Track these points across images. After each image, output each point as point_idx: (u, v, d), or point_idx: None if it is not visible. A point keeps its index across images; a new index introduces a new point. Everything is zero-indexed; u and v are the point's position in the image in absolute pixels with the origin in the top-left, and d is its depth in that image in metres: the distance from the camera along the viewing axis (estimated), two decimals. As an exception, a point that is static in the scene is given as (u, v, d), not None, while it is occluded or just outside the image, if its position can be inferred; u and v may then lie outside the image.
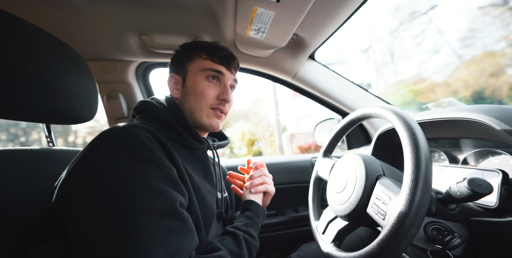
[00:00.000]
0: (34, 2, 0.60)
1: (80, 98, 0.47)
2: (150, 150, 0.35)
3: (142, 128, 0.39)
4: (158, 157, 0.35)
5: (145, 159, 0.34)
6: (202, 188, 0.45)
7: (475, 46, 6.15)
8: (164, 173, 0.35)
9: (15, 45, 0.37)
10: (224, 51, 0.54)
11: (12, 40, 0.36)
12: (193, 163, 0.48)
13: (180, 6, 0.65)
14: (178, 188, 0.36)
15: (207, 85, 0.51)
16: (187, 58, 0.53)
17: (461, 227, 0.39)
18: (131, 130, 0.37)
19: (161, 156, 0.36)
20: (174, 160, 0.40)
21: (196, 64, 0.52)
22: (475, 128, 0.46)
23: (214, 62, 0.52)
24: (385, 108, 0.41)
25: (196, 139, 0.50)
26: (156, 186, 0.32)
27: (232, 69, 0.55)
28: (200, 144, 0.52)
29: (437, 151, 0.62)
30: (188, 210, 0.39)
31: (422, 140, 0.33)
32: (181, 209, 0.34)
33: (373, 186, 0.40)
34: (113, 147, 0.34)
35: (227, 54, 0.54)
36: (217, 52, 0.53)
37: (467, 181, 0.32)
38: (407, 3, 11.30)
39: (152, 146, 0.36)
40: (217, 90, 0.52)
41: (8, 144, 5.14)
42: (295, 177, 0.98)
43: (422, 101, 6.16)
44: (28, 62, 0.38)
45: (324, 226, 0.51)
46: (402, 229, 0.29)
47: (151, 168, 0.34)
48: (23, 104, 0.38)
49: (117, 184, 0.31)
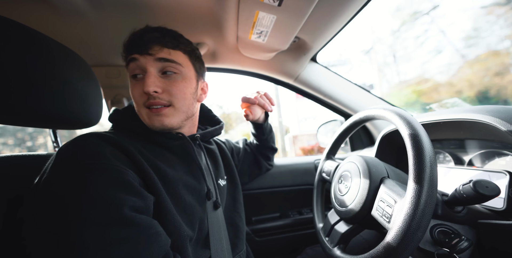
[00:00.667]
0: (42, 11, 0.61)
1: (86, 103, 0.48)
2: (96, 157, 0.33)
3: (99, 136, 0.38)
4: (106, 163, 0.33)
5: (89, 168, 0.32)
6: (179, 185, 0.43)
7: (478, 46, 6.08)
8: (113, 178, 0.32)
9: (24, 53, 0.38)
10: (135, 35, 0.45)
11: (21, 48, 0.37)
12: (171, 160, 0.46)
13: (183, 11, 0.66)
14: (132, 191, 0.33)
15: (133, 85, 0.45)
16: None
17: (469, 229, 0.38)
18: (83, 141, 0.36)
19: (110, 161, 0.34)
20: (137, 162, 0.38)
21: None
22: (480, 129, 0.45)
23: (128, 53, 0.45)
24: (388, 110, 0.41)
25: (168, 137, 0.47)
26: (97, 194, 0.30)
27: (148, 51, 0.43)
28: (174, 140, 0.48)
29: (442, 153, 0.62)
30: (159, 210, 0.37)
31: (426, 142, 0.33)
32: (133, 214, 0.31)
33: (377, 188, 0.40)
34: (57, 163, 0.33)
35: (133, 36, 0.44)
36: (126, 41, 0.45)
37: (473, 183, 0.32)
38: (409, 4, 11.27)
39: (102, 152, 0.34)
40: (141, 85, 0.44)
41: (15, 148, 5.23)
42: (299, 179, 0.98)
43: (426, 101, 6.09)
44: (36, 69, 0.39)
45: (328, 228, 0.51)
46: (408, 232, 0.29)
47: (94, 176, 0.31)
48: (31, 110, 0.39)
49: (52, 203, 0.29)
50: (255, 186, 0.91)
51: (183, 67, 0.47)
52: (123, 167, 0.35)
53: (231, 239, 0.54)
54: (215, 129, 0.58)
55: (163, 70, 0.45)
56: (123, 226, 0.29)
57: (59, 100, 0.43)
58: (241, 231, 0.58)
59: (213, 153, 0.62)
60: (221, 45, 0.81)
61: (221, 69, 0.96)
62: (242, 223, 0.60)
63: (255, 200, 0.92)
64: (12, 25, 0.37)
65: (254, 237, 0.87)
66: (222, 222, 0.51)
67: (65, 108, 0.44)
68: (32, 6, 0.59)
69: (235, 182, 0.65)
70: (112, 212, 0.29)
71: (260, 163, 0.82)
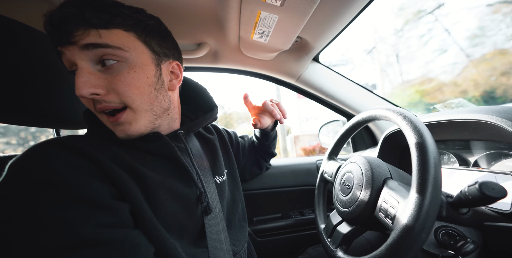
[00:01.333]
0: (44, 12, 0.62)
1: None
2: (50, 172, 0.28)
3: (57, 143, 0.31)
4: (61, 177, 0.28)
5: (42, 185, 0.27)
6: (160, 191, 0.36)
7: (484, 45, 5.99)
8: (70, 195, 0.27)
9: (29, 54, 0.38)
10: (50, 17, 0.32)
11: (26, 50, 0.38)
12: (152, 162, 0.39)
13: (185, 11, 0.66)
14: (96, 206, 0.28)
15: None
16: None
17: (474, 232, 0.38)
18: (35, 151, 0.30)
19: (67, 174, 0.28)
20: (106, 169, 0.32)
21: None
22: (486, 130, 0.44)
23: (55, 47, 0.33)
24: (391, 110, 0.41)
25: (142, 139, 0.39)
26: (51, 217, 0.25)
27: (69, 38, 0.31)
28: (151, 142, 0.40)
29: (446, 153, 0.61)
30: (138, 219, 0.32)
31: (430, 142, 0.32)
32: (99, 232, 0.27)
33: (380, 189, 0.39)
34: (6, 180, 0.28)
35: (50, 19, 0.32)
36: (46, 30, 0.33)
37: (479, 185, 0.31)
38: (412, 3, 11.14)
39: (57, 164, 0.29)
40: None
41: (18, 148, 5.32)
42: (300, 180, 0.98)
43: (430, 101, 6.02)
44: (39, 70, 0.39)
45: (330, 229, 0.50)
46: (412, 234, 0.29)
47: (47, 194, 0.26)
48: (36, 110, 0.39)
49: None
50: (256, 187, 0.91)
51: (128, 51, 0.34)
52: (83, 180, 0.29)
53: (231, 238, 0.51)
54: (204, 118, 0.48)
55: (99, 60, 0.33)
56: (86, 248, 0.25)
57: (63, 100, 0.43)
58: (240, 229, 0.54)
59: (211, 144, 0.55)
60: (223, 45, 0.81)
61: (223, 69, 0.96)
62: (243, 220, 0.57)
63: (257, 200, 0.91)
64: (18, 26, 0.38)
65: (255, 238, 0.87)
66: (221, 222, 0.47)
67: (68, 108, 0.45)
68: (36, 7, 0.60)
69: (235, 177, 0.60)
70: (69, 235, 0.25)
71: (261, 163, 0.81)
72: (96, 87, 0.32)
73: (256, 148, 0.78)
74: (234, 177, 0.60)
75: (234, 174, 0.60)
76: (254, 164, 0.79)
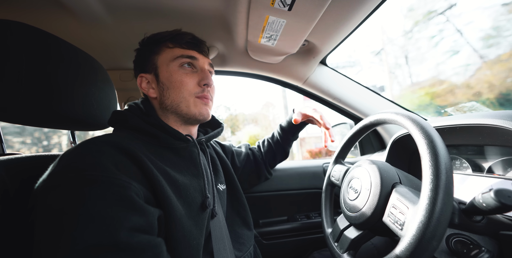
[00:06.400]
0: (61, 17, 0.65)
1: (102, 106, 0.51)
2: (98, 169, 0.31)
3: (105, 141, 0.36)
4: (108, 175, 0.31)
5: (89, 180, 0.30)
6: (190, 189, 0.42)
7: (500, 45, 5.76)
8: (114, 194, 0.30)
9: (47, 58, 0.40)
10: (190, 35, 0.50)
11: (43, 54, 0.40)
12: (179, 164, 0.45)
13: (195, 16, 0.68)
14: (133, 209, 0.31)
15: (184, 73, 0.48)
16: (152, 53, 0.49)
17: (489, 241, 0.36)
18: (86, 147, 0.34)
19: (112, 173, 0.31)
20: (146, 170, 0.36)
21: (164, 55, 0.48)
22: (501, 136, 0.43)
23: (183, 48, 0.49)
24: (400, 114, 0.40)
25: (178, 138, 0.46)
26: (95, 213, 0.28)
27: (203, 53, 0.52)
28: (183, 142, 0.48)
29: (458, 159, 0.59)
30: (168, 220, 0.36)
31: (441, 147, 0.32)
32: (130, 237, 0.29)
33: (388, 194, 0.39)
34: (57, 170, 0.31)
35: (193, 38, 0.51)
36: (182, 37, 0.49)
37: (494, 192, 0.30)
38: (422, 4, 10.90)
39: (104, 162, 0.32)
40: (196, 77, 0.49)
41: (32, 147, 5.54)
42: (306, 183, 0.97)
43: (440, 104, 5.84)
44: (57, 74, 0.42)
45: (338, 234, 0.50)
46: (423, 241, 0.28)
47: (94, 190, 0.29)
48: (54, 113, 0.41)
49: (48, 216, 0.28)
50: (263, 189, 0.91)
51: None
52: (126, 180, 0.32)
53: (234, 243, 0.53)
54: (217, 132, 0.58)
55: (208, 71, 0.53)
56: (117, 251, 0.27)
57: (78, 104, 0.45)
58: (242, 236, 0.56)
59: (211, 157, 0.61)
60: (231, 49, 0.82)
61: (230, 72, 0.97)
62: (245, 227, 0.59)
63: (263, 203, 0.91)
64: (34, 31, 0.40)
65: (261, 240, 0.86)
66: (224, 227, 0.50)
67: (84, 111, 0.46)
68: (51, 12, 0.63)
69: (235, 185, 0.63)
70: (107, 235, 0.28)
71: (260, 172, 0.79)
72: (212, 81, 0.51)
73: (275, 143, 0.78)
74: (234, 186, 0.63)
75: (233, 182, 0.64)
76: (252, 173, 0.78)
